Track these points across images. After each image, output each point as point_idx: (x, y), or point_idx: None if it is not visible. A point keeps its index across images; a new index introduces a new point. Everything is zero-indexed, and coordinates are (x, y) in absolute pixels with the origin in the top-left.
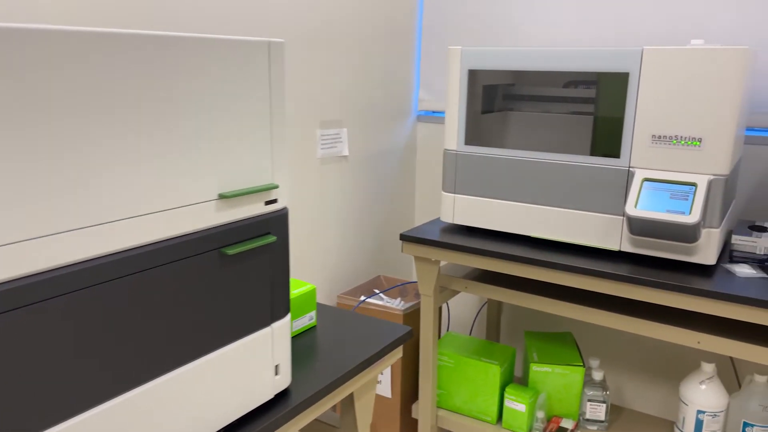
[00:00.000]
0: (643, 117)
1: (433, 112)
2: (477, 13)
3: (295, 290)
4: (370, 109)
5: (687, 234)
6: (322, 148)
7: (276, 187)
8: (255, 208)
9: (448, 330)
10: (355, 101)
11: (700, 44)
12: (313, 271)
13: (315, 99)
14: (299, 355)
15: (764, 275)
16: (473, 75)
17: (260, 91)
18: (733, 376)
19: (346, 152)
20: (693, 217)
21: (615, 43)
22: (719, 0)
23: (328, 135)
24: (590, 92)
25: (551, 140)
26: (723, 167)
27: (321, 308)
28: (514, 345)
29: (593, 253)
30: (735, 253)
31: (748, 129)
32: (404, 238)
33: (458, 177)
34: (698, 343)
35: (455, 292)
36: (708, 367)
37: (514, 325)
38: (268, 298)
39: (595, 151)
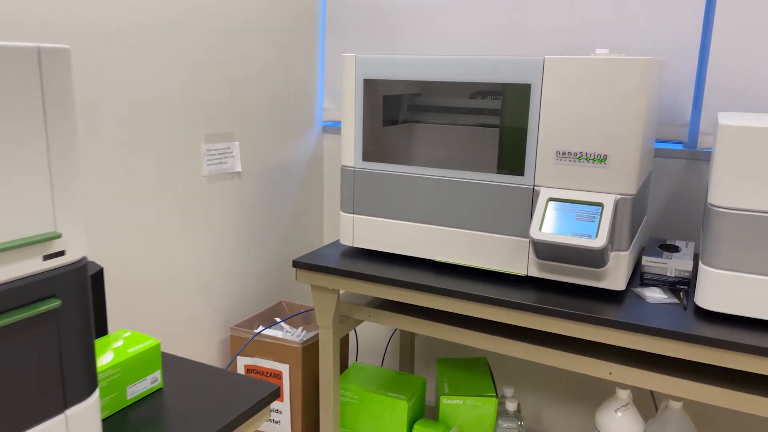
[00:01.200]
0: (547, 132)
1: (340, 122)
2: (385, 15)
3: (132, 348)
4: (267, 120)
5: (594, 259)
6: (209, 165)
7: (58, 236)
8: (27, 266)
9: (356, 359)
10: (249, 111)
11: (605, 54)
12: (201, 301)
13: (198, 110)
14: (132, 430)
15: (675, 300)
16: (370, 85)
17: (26, 114)
18: (650, 401)
19: (238, 168)
20: (599, 241)
21: (528, 53)
22: (631, 10)
23: (216, 150)
24: (496, 104)
25: (457, 156)
26: (630, 186)
27: (173, 364)
28: (429, 372)
29: (500, 279)
30: (646, 276)
31: (658, 141)
32: (298, 264)
33: (357, 196)
34: (610, 374)
35: (358, 322)
36: (623, 394)
37: (428, 350)
38: (57, 378)
39: (501, 169)
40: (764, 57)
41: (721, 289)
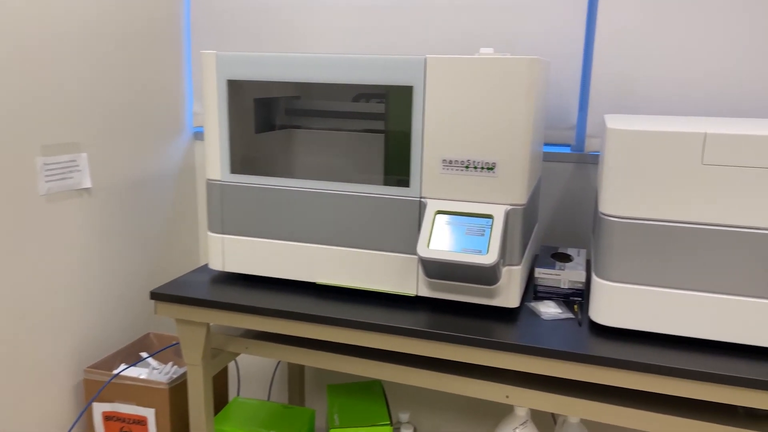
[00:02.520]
0: (432, 139)
1: None
2: (259, 12)
3: None
4: (123, 127)
5: (485, 276)
6: (48, 181)
7: None
8: None
9: (238, 394)
10: (99, 117)
11: (489, 53)
12: (45, 343)
13: (31, 117)
14: None
15: (569, 314)
16: (236, 86)
17: None
18: (549, 416)
19: (87, 183)
20: (490, 257)
21: (410, 53)
22: (515, 9)
23: (56, 163)
24: (380, 109)
25: (341, 166)
26: (520, 195)
27: None
28: (322, 401)
29: (389, 301)
30: (539, 288)
31: (546, 145)
32: (156, 296)
33: (226, 214)
34: (507, 397)
35: (235, 354)
36: (521, 411)
37: (320, 377)
38: None
39: (387, 180)
40: (648, 58)
41: (616, 303)
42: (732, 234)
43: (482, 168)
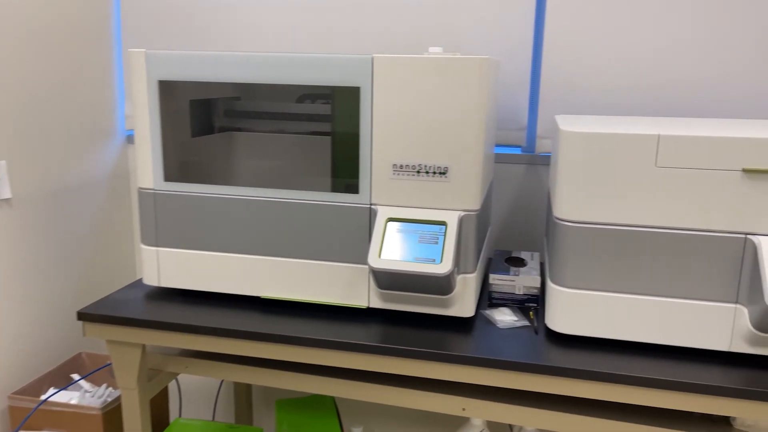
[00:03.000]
0: (381, 143)
1: None
2: (190, 5)
3: None
4: (47, 132)
5: (440, 286)
6: None
7: None
8: None
9: (179, 415)
10: (20, 122)
11: (439, 53)
12: None
13: None
14: None
15: (525, 321)
16: (169, 87)
17: None
18: (505, 425)
19: (6, 194)
20: (444, 267)
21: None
22: (462, 6)
23: None
24: (326, 110)
25: (286, 173)
26: (474, 200)
27: None
28: (270, 417)
29: (340, 313)
30: (494, 295)
31: (497, 146)
32: (84, 316)
33: (161, 225)
34: (463, 410)
35: (175, 374)
36: (477, 421)
37: (269, 392)
38: None
39: (335, 186)
40: (597, 58)
41: (573, 310)
42: (688, 237)
43: (434, 173)
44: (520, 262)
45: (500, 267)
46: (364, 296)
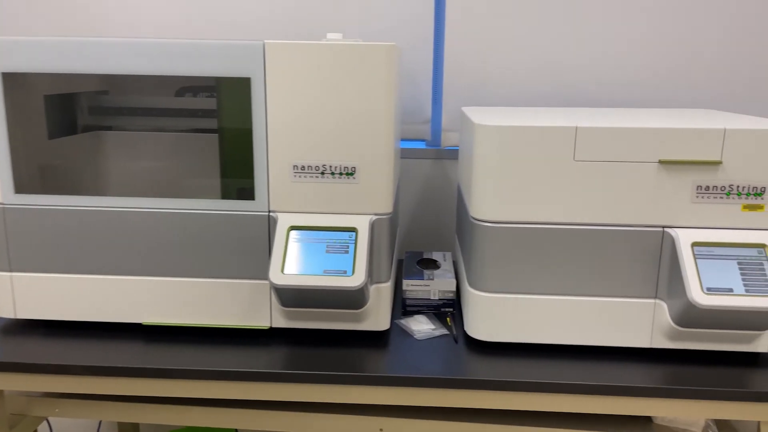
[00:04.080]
0: (279, 141)
1: None
2: None
3: None
4: None
5: (352, 299)
6: None
7: None
8: None
9: None
10: None
11: (338, 39)
12: None
13: None
14: None
15: (443, 329)
16: (16, 80)
17: None
18: None
19: None
20: (357, 279)
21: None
22: None
23: None
24: (210, 105)
25: (165, 178)
26: (385, 202)
27: None
28: None
29: (239, 338)
30: (409, 302)
31: (401, 141)
32: None
33: (13, 246)
34: (380, 430)
35: (41, 419)
36: None
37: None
38: None
39: (225, 192)
40: (501, 46)
41: (493, 316)
42: (607, 233)
43: (341, 174)
44: (433, 264)
45: (413, 271)
46: (266, 316)
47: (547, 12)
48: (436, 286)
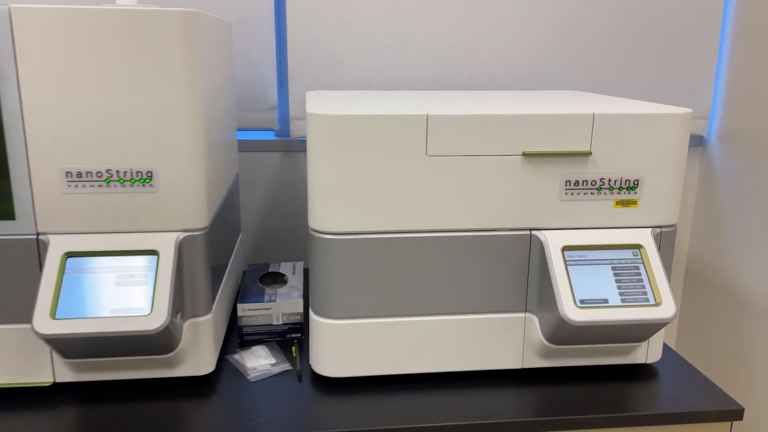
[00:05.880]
0: (41, 139)
1: None
2: None
3: None
4: None
5: (155, 344)
6: None
7: None
8: None
9: None
10: None
11: (127, 4)
12: None
13: None
14: None
15: (285, 364)
16: None
17: None
18: None
19: None
20: (156, 318)
21: None
22: None
23: None
24: None
25: None
26: (198, 214)
27: None
28: None
29: (15, 396)
30: (246, 331)
31: (245, 131)
32: None
33: None
34: None
35: None
36: None
37: None
38: None
39: None
40: (353, 21)
41: (342, 347)
42: (468, 240)
43: (133, 180)
44: (279, 279)
45: (252, 291)
46: (47, 368)
47: None
48: (280, 308)
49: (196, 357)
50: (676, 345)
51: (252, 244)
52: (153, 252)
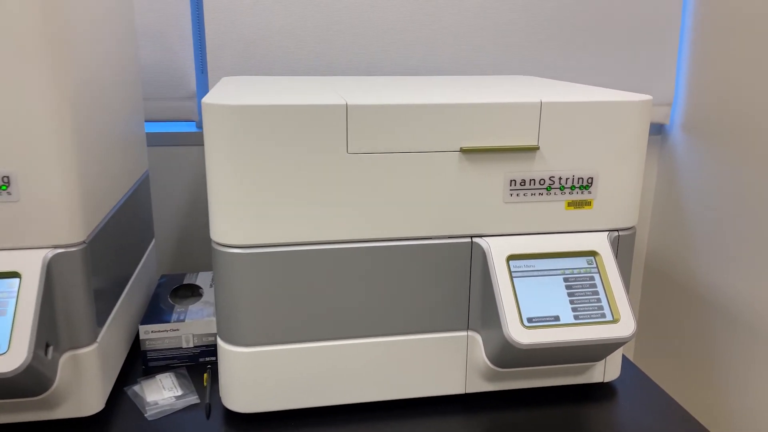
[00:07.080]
0: None
1: None
2: None
3: None
4: None
5: (19, 387)
6: None
7: None
8: None
9: None
10: None
11: None
12: None
13: None
14: None
15: (192, 396)
16: None
17: None
18: None
19: None
20: (16, 357)
21: None
22: None
23: None
24: None
25: None
26: (72, 228)
27: None
28: None
29: None
30: (151, 357)
31: (160, 123)
32: None
33: None
34: None
35: None
36: None
37: None
38: None
39: None
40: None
41: (255, 377)
42: (399, 250)
43: None
44: (195, 293)
45: (158, 309)
46: None
47: None
48: (189, 329)
49: (79, 396)
50: (635, 351)
51: (168, 251)
52: (13, 274)
